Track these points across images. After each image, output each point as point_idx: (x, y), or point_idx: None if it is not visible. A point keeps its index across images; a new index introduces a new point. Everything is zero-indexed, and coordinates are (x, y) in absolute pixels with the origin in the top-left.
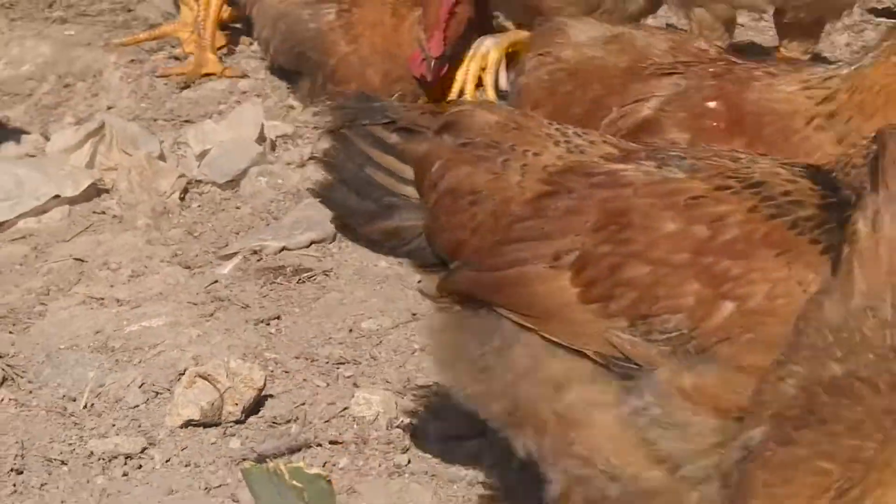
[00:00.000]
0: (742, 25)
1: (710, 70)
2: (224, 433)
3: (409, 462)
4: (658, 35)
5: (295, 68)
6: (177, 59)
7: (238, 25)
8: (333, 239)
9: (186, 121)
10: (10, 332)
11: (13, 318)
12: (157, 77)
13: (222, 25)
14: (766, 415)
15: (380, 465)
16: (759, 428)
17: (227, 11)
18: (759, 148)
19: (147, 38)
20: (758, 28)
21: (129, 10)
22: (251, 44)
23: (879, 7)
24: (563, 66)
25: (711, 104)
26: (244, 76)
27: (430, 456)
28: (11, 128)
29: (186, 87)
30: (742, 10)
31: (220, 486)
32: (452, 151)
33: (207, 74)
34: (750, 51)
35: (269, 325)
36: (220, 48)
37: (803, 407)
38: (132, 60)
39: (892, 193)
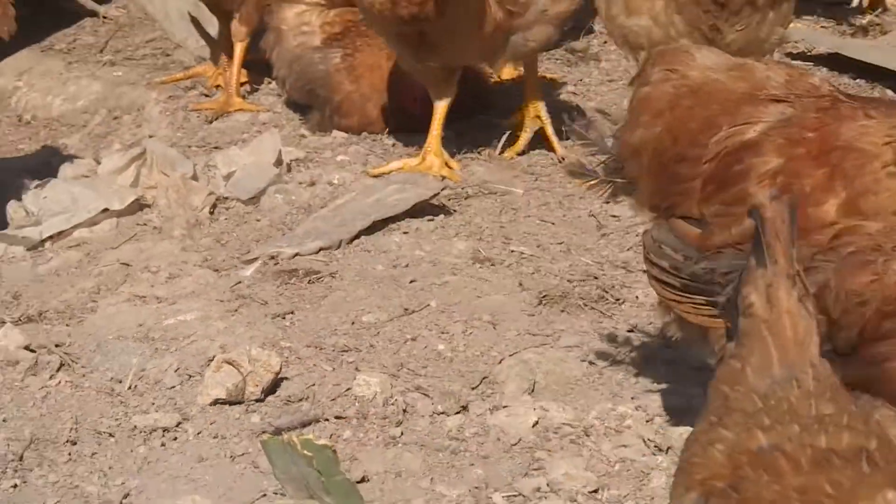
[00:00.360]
0: None
1: (817, 104)
2: (246, 410)
3: (401, 434)
4: (777, 69)
5: (307, 103)
6: (207, 95)
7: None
8: (338, 246)
9: (215, 147)
10: (67, 325)
11: (69, 313)
12: (191, 111)
13: (245, 66)
14: (698, 478)
15: (377, 437)
16: (690, 494)
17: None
18: (837, 179)
19: (182, 78)
20: None
21: (167, 55)
22: (270, 82)
23: (795, 52)
24: (688, 84)
25: (809, 134)
26: (264, 110)
27: (419, 429)
28: (68, 153)
29: (215, 119)
30: None
31: (242, 454)
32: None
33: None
34: None
35: (284, 318)
36: (243, 84)
37: (728, 480)
38: (170, 97)
39: (781, 267)
